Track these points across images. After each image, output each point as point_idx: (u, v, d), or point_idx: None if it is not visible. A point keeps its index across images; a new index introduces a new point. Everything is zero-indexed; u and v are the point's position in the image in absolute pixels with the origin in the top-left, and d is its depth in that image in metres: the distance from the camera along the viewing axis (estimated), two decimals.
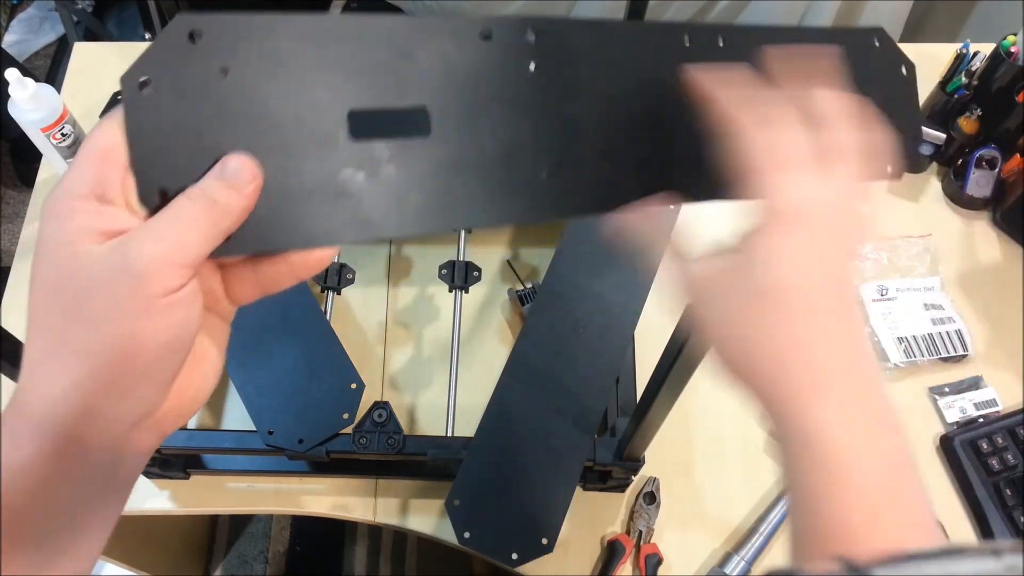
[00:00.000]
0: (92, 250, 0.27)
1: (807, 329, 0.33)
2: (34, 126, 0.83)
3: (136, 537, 1.13)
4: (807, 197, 0.33)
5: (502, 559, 0.66)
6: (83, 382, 0.27)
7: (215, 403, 0.82)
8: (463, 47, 0.34)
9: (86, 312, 0.27)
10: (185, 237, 0.28)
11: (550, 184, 0.36)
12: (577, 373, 0.73)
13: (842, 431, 0.33)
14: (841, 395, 0.33)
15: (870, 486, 0.32)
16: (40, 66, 2.01)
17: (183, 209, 0.28)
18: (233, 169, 0.29)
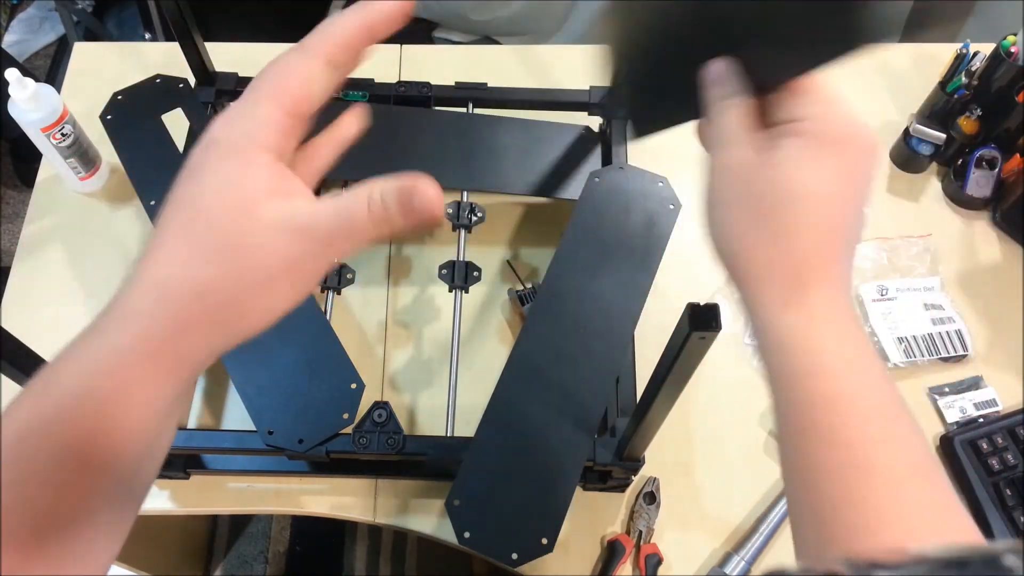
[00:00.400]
0: (266, 211, 0.30)
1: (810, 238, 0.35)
2: (34, 126, 0.83)
3: (136, 537, 1.13)
4: (856, 123, 0.36)
5: (502, 559, 0.66)
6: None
7: (215, 403, 0.82)
8: None
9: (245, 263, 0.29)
10: (347, 241, 0.31)
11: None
12: (577, 373, 0.73)
13: (819, 325, 0.35)
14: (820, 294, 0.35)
15: (835, 370, 0.34)
16: (40, 66, 2.01)
17: (357, 217, 0.30)
18: (425, 195, 0.30)
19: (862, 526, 0.32)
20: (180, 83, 0.88)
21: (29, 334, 0.56)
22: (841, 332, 0.35)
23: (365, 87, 0.89)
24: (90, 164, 0.90)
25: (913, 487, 0.33)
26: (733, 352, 0.85)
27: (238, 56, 0.93)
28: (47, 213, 0.92)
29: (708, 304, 0.44)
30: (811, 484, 0.35)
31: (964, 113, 0.93)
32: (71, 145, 0.86)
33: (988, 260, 0.92)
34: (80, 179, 0.90)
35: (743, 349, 0.85)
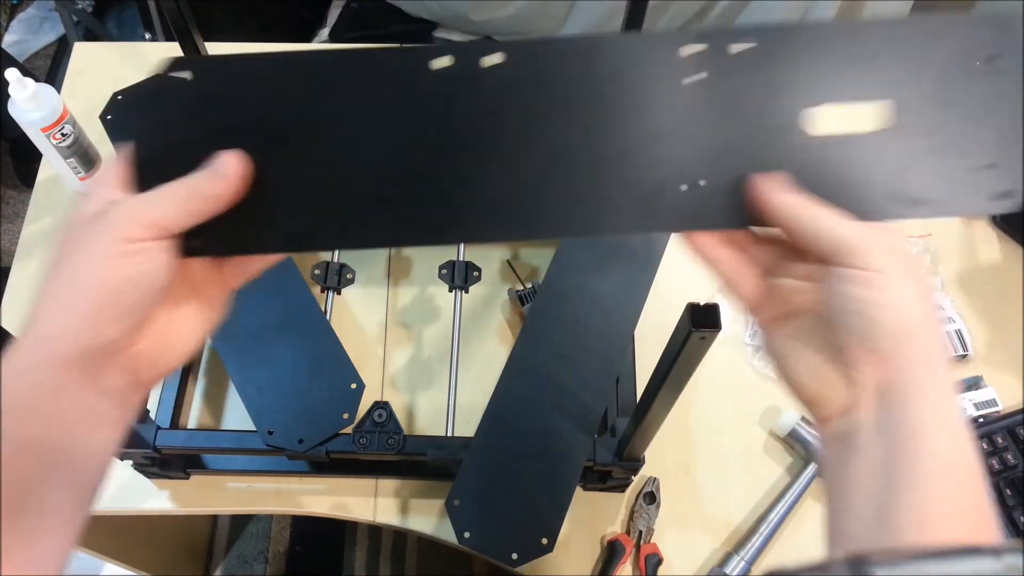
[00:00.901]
0: (94, 208, 0.35)
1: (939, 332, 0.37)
2: (34, 126, 0.83)
3: (136, 537, 1.13)
4: (905, 252, 0.37)
5: (502, 559, 0.66)
6: (68, 306, 0.34)
7: (215, 403, 0.82)
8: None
9: (78, 252, 0.35)
10: (159, 205, 0.35)
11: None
12: (577, 373, 0.73)
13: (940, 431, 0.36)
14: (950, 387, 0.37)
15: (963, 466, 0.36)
16: (40, 66, 2.01)
17: (168, 186, 0.36)
18: (219, 161, 0.36)
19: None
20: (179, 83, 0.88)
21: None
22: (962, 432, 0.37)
23: None
24: (90, 164, 0.90)
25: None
26: (733, 352, 0.85)
27: None
28: (47, 213, 0.92)
29: (708, 304, 0.44)
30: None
31: None
32: (71, 145, 0.86)
33: (988, 260, 0.92)
34: (80, 179, 0.90)
35: (743, 349, 0.85)
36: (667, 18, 1.84)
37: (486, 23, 1.98)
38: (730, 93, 0.37)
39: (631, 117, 0.37)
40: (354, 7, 2.09)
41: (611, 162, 0.37)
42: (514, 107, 0.37)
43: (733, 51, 0.36)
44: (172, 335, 0.38)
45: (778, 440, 0.81)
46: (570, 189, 0.37)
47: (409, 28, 2.07)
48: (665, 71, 0.37)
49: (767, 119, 0.37)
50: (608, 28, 1.85)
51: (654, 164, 0.37)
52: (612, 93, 0.37)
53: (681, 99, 0.37)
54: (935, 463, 0.35)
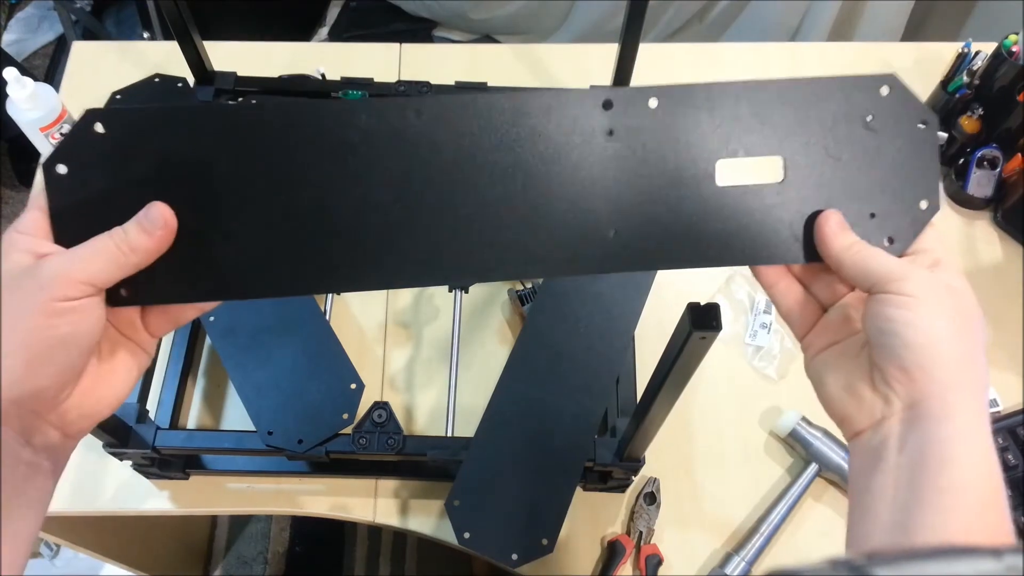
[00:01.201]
0: (22, 262, 0.35)
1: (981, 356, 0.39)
2: (33, 125, 0.83)
3: (136, 538, 1.13)
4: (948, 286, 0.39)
5: (502, 560, 0.66)
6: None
7: (215, 403, 0.82)
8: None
9: (8, 310, 0.34)
10: (91, 261, 0.35)
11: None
12: (577, 373, 0.72)
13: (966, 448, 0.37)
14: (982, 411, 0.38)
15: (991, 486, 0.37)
16: (39, 65, 2.01)
17: (98, 241, 0.36)
18: (148, 215, 0.37)
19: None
20: (179, 82, 0.88)
21: None
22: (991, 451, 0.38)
23: (364, 87, 0.89)
24: None
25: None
26: (733, 352, 0.85)
27: (237, 55, 0.93)
28: None
29: (708, 304, 0.44)
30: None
31: (965, 112, 0.93)
32: None
33: (989, 260, 0.92)
34: None
35: (743, 349, 0.85)
36: (667, 18, 1.84)
37: (486, 22, 1.98)
38: (645, 146, 0.40)
39: (560, 168, 0.39)
40: (353, 6, 2.08)
41: (535, 213, 0.40)
42: (435, 161, 0.39)
43: (652, 106, 0.39)
44: (102, 385, 0.39)
45: (778, 440, 0.81)
46: (497, 235, 0.40)
47: (409, 27, 2.07)
48: (586, 126, 0.39)
49: (679, 171, 0.40)
50: (608, 28, 1.85)
51: (583, 211, 0.40)
52: (539, 147, 0.39)
53: (602, 152, 0.40)
54: (956, 486, 0.36)
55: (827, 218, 0.41)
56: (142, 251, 0.36)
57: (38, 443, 0.37)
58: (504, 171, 0.39)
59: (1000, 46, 0.89)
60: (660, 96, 0.39)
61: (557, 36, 1.96)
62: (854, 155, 0.41)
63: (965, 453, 0.36)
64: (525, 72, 1.04)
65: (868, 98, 0.41)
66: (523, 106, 0.38)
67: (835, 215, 0.41)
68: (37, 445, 0.37)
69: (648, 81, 0.97)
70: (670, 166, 0.40)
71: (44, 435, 0.37)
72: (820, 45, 1.52)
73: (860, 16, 1.66)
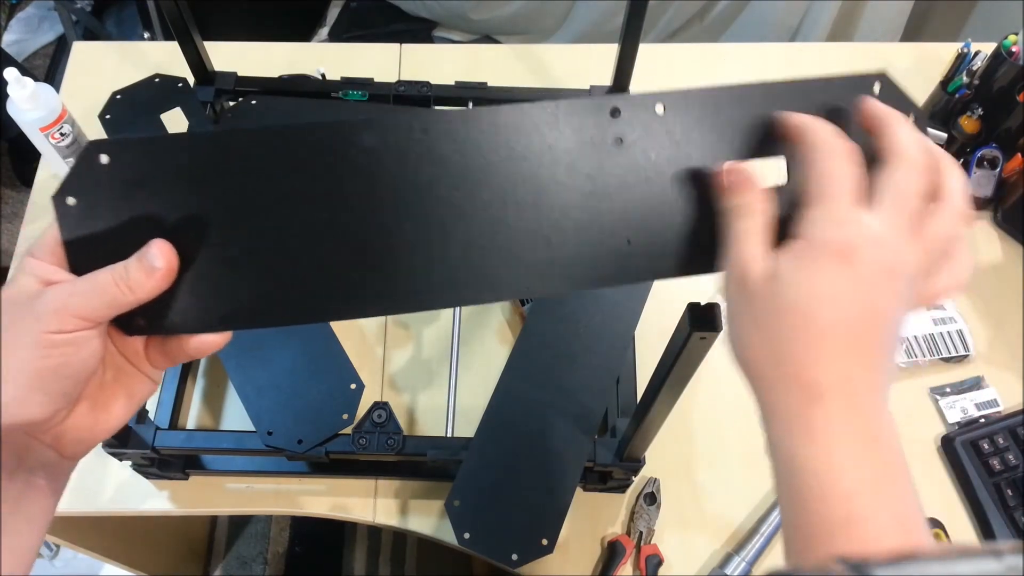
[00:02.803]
0: (29, 288, 0.36)
1: (813, 353, 0.35)
2: (33, 125, 0.83)
3: (135, 538, 1.13)
4: (860, 234, 0.34)
5: (502, 560, 0.66)
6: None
7: (214, 404, 0.82)
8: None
9: (8, 336, 0.35)
10: (88, 297, 0.35)
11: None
12: (577, 373, 0.72)
13: (826, 444, 0.35)
14: (829, 413, 0.35)
15: (848, 492, 0.34)
16: (39, 65, 2.01)
17: (99, 277, 0.36)
18: (150, 254, 0.36)
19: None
20: (179, 82, 0.88)
21: None
22: (857, 452, 0.34)
23: (364, 87, 0.89)
24: None
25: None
26: None
27: (237, 55, 0.93)
28: (46, 213, 0.91)
29: (708, 304, 0.44)
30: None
31: (965, 113, 0.93)
32: (70, 144, 0.86)
33: (989, 260, 0.92)
34: None
35: None
36: (667, 18, 1.84)
37: (486, 22, 1.98)
38: (656, 152, 0.39)
39: (569, 181, 0.39)
40: (353, 6, 2.09)
41: (548, 226, 0.39)
42: (443, 178, 0.38)
43: (659, 111, 0.39)
44: (101, 411, 0.39)
45: None
46: (513, 251, 0.39)
47: (409, 27, 2.07)
48: (595, 135, 0.39)
49: (689, 175, 0.40)
50: (608, 28, 1.85)
51: (594, 223, 0.39)
52: (548, 159, 0.39)
53: (613, 160, 0.39)
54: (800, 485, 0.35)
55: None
56: (141, 290, 0.36)
57: (33, 462, 0.37)
58: (514, 185, 0.38)
59: (1000, 46, 0.89)
60: (667, 101, 0.39)
61: (557, 36, 1.96)
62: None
63: (789, 456, 0.36)
64: (525, 72, 1.04)
65: (860, 95, 0.40)
66: (530, 118, 0.38)
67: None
68: (32, 464, 0.37)
69: (648, 81, 0.97)
70: (681, 171, 0.39)
71: (38, 454, 0.37)
72: (820, 45, 1.52)
73: (860, 16, 1.66)
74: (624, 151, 0.39)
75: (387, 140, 0.37)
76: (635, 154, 0.39)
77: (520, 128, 0.38)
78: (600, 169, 0.39)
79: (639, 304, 0.75)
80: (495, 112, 0.38)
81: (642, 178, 0.39)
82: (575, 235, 0.39)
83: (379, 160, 0.38)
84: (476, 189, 0.38)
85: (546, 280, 0.39)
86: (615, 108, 0.39)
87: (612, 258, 0.40)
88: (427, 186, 0.38)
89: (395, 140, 0.37)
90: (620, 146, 0.39)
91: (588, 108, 0.38)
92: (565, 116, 0.38)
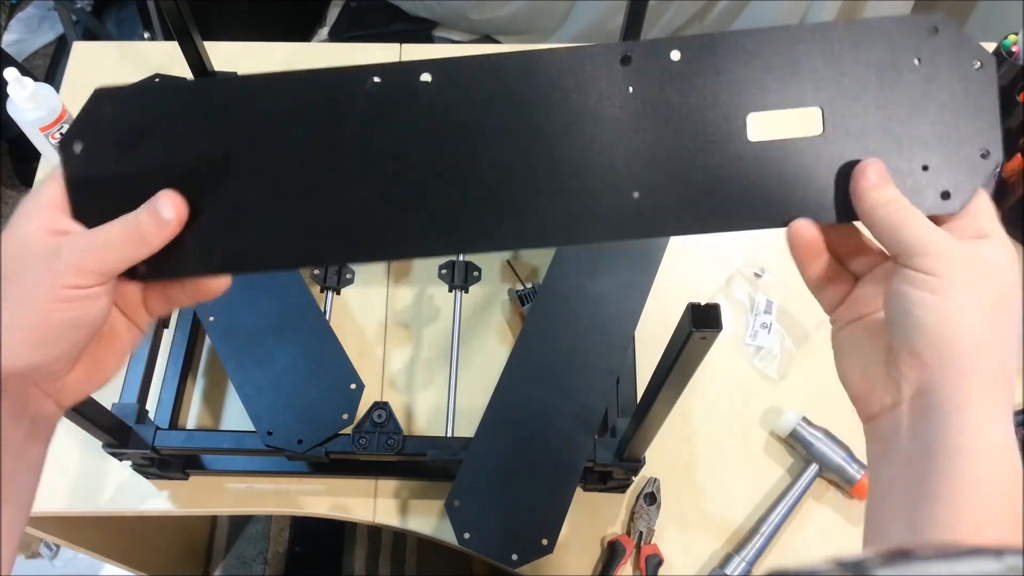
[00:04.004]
0: (35, 236, 0.36)
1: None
2: (33, 125, 0.83)
3: (135, 538, 1.13)
4: (990, 267, 0.36)
5: (502, 560, 0.66)
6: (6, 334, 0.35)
7: (214, 404, 0.82)
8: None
9: (20, 285, 0.35)
10: (103, 254, 0.36)
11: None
12: (577, 373, 0.72)
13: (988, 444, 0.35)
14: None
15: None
16: (39, 65, 2.01)
17: (111, 229, 0.36)
18: (159, 204, 0.37)
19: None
20: (179, 83, 0.88)
21: None
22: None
23: None
24: None
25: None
26: (734, 352, 0.85)
27: (237, 55, 0.93)
28: None
29: (708, 304, 0.44)
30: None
31: None
32: None
33: None
34: None
35: (744, 349, 0.85)
36: (667, 18, 1.84)
37: (486, 22, 1.98)
38: (669, 101, 0.37)
39: (580, 128, 0.38)
40: (353, 6, 2.08)
41: (558, 173, 0.38)
42: (448, 124, 0.38)
43: (674, 58, 0.37)
44: (98, 361, 0.39)
45: (779, 441, 0.81)
46: (516, 202, 0.38)
47: (409, 27, 2.07)
48: (606, 81, 0.37)
49: (708, 126, 0.38)
50: (608, 28, 1.85)
51: (603, 173, 0.38)
52: (558, 106, 0.37)
53: (623, 110, 0.37)
54: (965, 480, 0.34)
55: (864, 169, 0.37)
56: (153, 241, 0.37)
57: (34, 411, 0.38)
58: (521, 133, 0.37)
59: (1000, 46, 0.89)
60: (683, 48, 0.37)
61: (557, 36, 1.96)
62: (901, 103, 0.37)
63: (977, 446, 0.34)
64: None
65: (914, 41, 0.37)
66: (537, 65, 0.37)
67: (875, 165, 0.37)
68: (33, 413, 0.38)
69: None
70: (696, 122, 0.37)
71: (39, 404, 0.38)
72: None
73: (860, 16, 1.66)
74: (635, 100, 0.37)
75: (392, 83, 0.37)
76: (647, 103, 0.37)
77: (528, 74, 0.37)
78: (609, 118, 0.37)
79: (639, 304, 0.75)
80: (502, 59, 0.37)
81: (653, 128, 0.37)
82: (582, 185, 0.38)
83: (384, 105, 0.37)
84: (480, 137, 0.37)
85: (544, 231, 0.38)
86: (626, 55, 0.37)
87: (620, 210, 0.38)
88: (432, 132, 0.38)
89: (402, 83, 0.37)
90: (631, 94, 0.37)
91: (597, 54, 0.37)
92: (574, 63, 0.37)
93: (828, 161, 0.38)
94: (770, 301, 0.87)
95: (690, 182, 0.38)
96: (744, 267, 0.89)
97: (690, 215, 0.38)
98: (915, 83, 0.37)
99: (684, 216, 0.38)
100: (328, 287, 0.82)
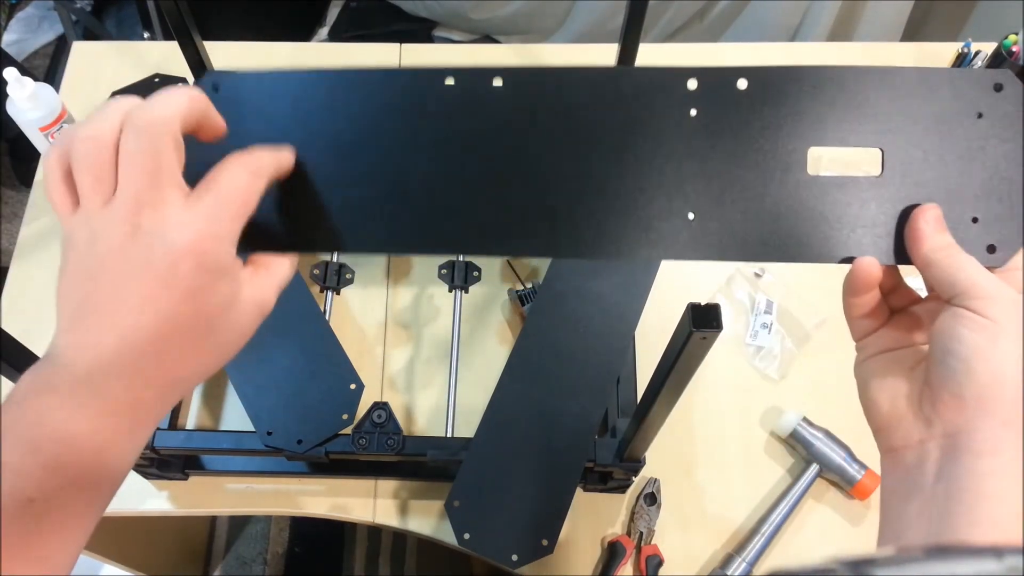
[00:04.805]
0: (237, 282, 0.36)
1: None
2: (33, 125, 0.83)
3: (135, 538, 1.13)
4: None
5: (502, 560, 0.66)
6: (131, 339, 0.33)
7: (213, 404, 0.82)
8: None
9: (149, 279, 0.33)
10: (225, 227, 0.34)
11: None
12: (577, 373, 0.72)
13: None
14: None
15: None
16: (39, 65, 2.01)
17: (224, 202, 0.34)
18: (278, 151, 0.37)
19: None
20: (179, 82, 0.88)
21: (28, 334, 0.56)
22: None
23: None
24: None
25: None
26: (734, 353, 0.85)
27: (237, 55, 0.93)
28: (45, 213, 0.91)
29: (709, 304, 0.44)
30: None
31: None
32: None
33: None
34: None
35: (744, 349, 0.85)
36: (667, 18, 1.84)
37: (486, 22, 1.98)
38: (732, 129, 0.38)
39: (641, 145, 0.38)
40: (353, 6, 2.08)
41: (618, 188, 0.38)
42: (511, 135, 0.38)
43: (741, 87, 0.38)
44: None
45: (779, 441, 0.81)
46: (572, 214, 0.39)
47: (409, 27, 2.07)
48: (671, 103, 0.38)
49: (767, 156, 0.38)
50: (608, 28, 1.85)
51: (661, 191, 0.38)
52: (623, 121, 0.38)
53: (685, 133, 0.38)
54: (992, 523, 0.34)
55: (923, 212, 0.38)
56: (279, 166, 0.37)
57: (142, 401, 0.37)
58: (580, 148, 0.38)
59: (1000, 46, 0.89)
60: (751, 77, 0.38)
61: (557, 36, 1.96)
62: (958, 154, 0.38)
63: (1007, 491, 0.34)
64: None
65: (978, 95, 0.38)
66: (604, 84, 0.38)
67: (934, 210, 0.38)
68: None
69: None
70: (756, 151, 0.38)
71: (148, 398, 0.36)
72: (820, 45, 1.52)
73: (860, 16, 1.66)
74: (698, 124, 0.38)
75: (464, 86, 0.38)
76: (710, 128, 0.38)
77: (593, 92, 0.38)
78: (671, 140, 0.38)
79: (639, 304, 0.75)
80: (567, 74, 0.38)
81: (714, 154, 0.38)
82: (638, 202, 0.39)
83: (454, 108, 0.38)
84: (540, 150, 0.38)
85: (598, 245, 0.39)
86: (694, 80, 0.38)
87: (674, 230, 0.38)
88: (495, 139, 0.39)
89: (472, 87, 0.38)
90: (695, 119, 0.38)
91: (665, 77, 0.38)
92: (640, 84, 0.38)
93: (885, 202, 0.39)
94: (770, 301, 0.87)
95: (747, 210, 0.38)
96: (744, 267, 0.89)
97: (744, 242, 0.39)
98: (975, 137, 0.38)
99: (737, 242, 0.39)
100: (328, 287, 0.82)
